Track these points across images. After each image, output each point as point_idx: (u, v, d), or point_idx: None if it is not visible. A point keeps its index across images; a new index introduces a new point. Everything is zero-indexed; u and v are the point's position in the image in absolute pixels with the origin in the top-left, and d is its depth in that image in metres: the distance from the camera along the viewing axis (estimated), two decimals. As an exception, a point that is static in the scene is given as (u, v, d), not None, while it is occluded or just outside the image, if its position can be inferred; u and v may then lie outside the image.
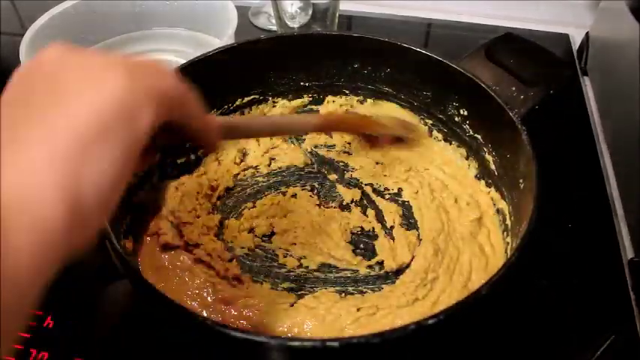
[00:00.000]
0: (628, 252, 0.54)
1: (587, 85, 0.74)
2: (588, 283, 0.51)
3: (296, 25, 0.74)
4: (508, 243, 0.49)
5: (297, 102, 0.62)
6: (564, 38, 0.82)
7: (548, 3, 0.86)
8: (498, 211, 0.52)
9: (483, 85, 0.50)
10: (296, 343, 0.31)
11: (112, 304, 0.50)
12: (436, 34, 0.85)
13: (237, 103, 0.59)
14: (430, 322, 0.32)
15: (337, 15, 0.74)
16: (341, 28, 0.80)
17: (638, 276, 0.51)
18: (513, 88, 0.54)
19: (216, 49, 0.53)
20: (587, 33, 0.77)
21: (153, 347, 0.46)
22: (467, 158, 0.57)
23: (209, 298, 0.46)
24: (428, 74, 0.55)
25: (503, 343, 0.47)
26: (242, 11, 0.83)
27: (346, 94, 0.62)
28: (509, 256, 0.39)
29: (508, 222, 0.49)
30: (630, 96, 0.59)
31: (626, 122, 0.60)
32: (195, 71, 0.52)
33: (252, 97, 0.60)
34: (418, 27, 0.86)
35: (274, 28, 0.80)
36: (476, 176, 0.56)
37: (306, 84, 0.61)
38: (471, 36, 0.82)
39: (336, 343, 0.31)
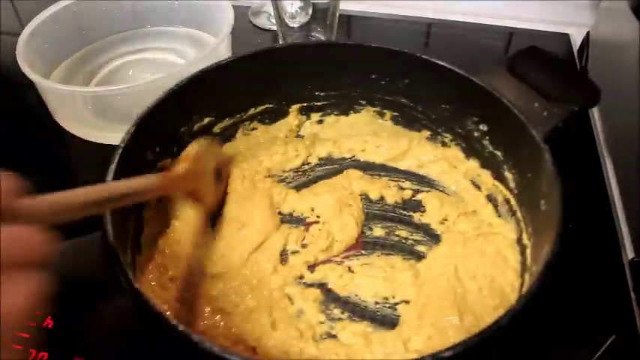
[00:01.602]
0: (628, 252, 0.54)
1: (588, 85, 0.74)
2: (588, 283, 0.51)
3: (296, 25, 0.74)
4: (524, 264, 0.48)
5: (316, 116, 0.61)
6: (565, 38, 0.82)
7: (548, 3, 0.86)
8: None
9: (505, 101, 0.48)
10: None
11: (113, 306, 0.50)
12: (436, 34, 0.85)
13: (250, 112, 0.58)
14: (446, 354, 0.32)
15: (337, 15, 0.74)
16: (341, 28, 0.80)
17: (638, 276, 0.51)
18: (536, 105, 0.51)
19: (230, 57, 0.52)
20: (587, 33, 0.77)
21: (153, 348, 0.45)
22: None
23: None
24: (448, 87, 0.53)
25: (502, 343, 0.46)
26: (242, 11, 0.83)
27: (362, 105, 0.60)
28: (530, 283, 0.37)
29: (526, 242, 0.48)
30: (630, 96, 0.59)
31: (626, 122, 0.60)
32: (208, 79, 0.51)
33: (265, 106, 0.58)
34: (418, 27, 0.86)
35: (274, 27, 0.80)
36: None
37: (322, 93, 0.59)
38: (471, 36, 0.82)
39: None
